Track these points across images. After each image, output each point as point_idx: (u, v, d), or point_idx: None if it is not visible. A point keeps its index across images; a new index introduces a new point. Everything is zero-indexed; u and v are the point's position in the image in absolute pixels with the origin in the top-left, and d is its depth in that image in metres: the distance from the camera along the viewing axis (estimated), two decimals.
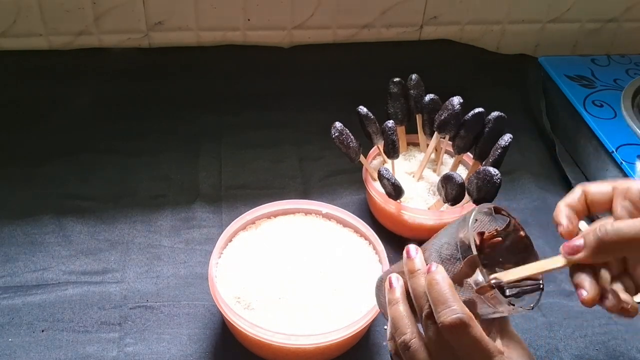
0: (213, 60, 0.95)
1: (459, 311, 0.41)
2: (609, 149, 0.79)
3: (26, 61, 0.90)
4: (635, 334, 0.64)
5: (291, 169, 0.82)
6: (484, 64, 1.01)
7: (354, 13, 0.96)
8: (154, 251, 0.70)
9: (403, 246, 0.71)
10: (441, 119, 0.72)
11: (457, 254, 0.44)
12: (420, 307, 0.44)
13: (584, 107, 0.85)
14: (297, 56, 0.97)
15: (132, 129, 0.85)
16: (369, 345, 0.62)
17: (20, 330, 0.60)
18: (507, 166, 0.73)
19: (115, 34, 0.92)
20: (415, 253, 0.47)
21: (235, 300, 0.58)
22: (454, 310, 0.41)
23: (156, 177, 0.79)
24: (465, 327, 0.41)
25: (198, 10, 0.92)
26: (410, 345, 0.44)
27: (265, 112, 0.90)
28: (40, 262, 0.67)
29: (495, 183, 0.63)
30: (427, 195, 0.73)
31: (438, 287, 0.42)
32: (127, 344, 0.60)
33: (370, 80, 0.83)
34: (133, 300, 0.64)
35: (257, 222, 0.67)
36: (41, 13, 0.88)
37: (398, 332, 0.45)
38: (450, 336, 0.42)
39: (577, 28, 1.03)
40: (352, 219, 0.67)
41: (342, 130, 0.70)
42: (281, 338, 0.54)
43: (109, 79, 0.92)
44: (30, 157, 0.79)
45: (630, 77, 0.92)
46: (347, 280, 0.61)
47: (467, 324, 0.41)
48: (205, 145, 0.84)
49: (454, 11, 0.98)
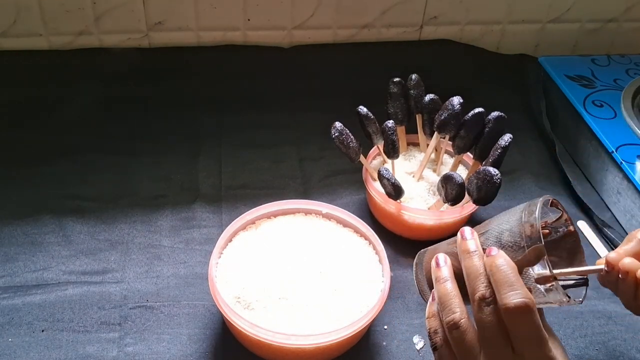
0: (213, 60, 0.95)
1: (525, 295, 0.41)
2: (609, 149, 0.79)
3: (26, 61, 0.90)
4: (635, 334, 0.64)
5: (291, 169, 0.82)
6: (484, 64, 1.01)
7: (354, 13, 0.96)
8: (154, 251, 0.70)
9: (403, 246, 0.72)
10: (441, 119, 0.72)
11: (522, 242, 0.44)
12: (473, 289, 0.44)
13: (584, 107, 0.85)
14: (297, 56, 0.97)
15: (132, 129, 0.85)
16: (369, 345, 0.62)
17: (20, 330, 0.60)
18: (507, 166, 0.73)
19: (115, 34, 0.92)
20: (471, 235, 0.47)
21: (235, 300, 0.58)
22: (521, 294, 0.41)
23: (156, 177, 0.79)
24: (530, 312, 0.41)
25: (198, 10, 0.92)
26: (460, 324, 0.44)
27: (265, 112, 0.90)
28: (40, 262, 0.67)
29: (495, 183, 0.63)
30: (427, 195, 0.73)
31: (504, 269, 0.42)
32: (127, 344, 0.60)
33: (370, 80, 0.83)
34: (133, 300, 0.64)
35: (257, 222, 0.67)
36: (41, 13, 0.88)
37: (447, 310, 0.45)
38: (513, 319, 0.41)
39: (577, 28, 1.03)
40: (352, 219, 0.67)
41: (342, 130, 0.70)
42: (281, 338, 0.54)
43: (109, 78, 0.92)
44: (30, 157, 0.79)
45: (630, 77, 0.92)
46: (347, 280, 0.61)
47: (532, 309, 0.41)
48: (205, 145, 0.84)
49: (454, 11, 0.98)
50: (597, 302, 0.68)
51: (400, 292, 0.67)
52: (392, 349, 0.62)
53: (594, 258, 0.74)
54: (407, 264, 0.71)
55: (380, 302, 0.58)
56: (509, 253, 0.45)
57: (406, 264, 0.71)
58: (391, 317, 0.65)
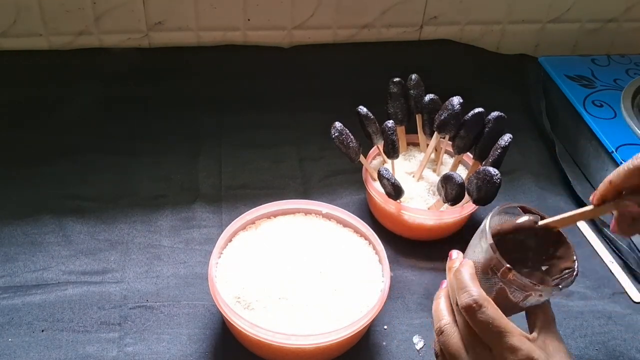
0: (213, 60, 0.95)
1: (474, 293, 0.45)
2: (609, 149, 0.79)
3: (26, 61, 0.90)
4: (635, 334, 0.64)
5: (291, 169, 0.82)
6: (484, 64, 1.01)
7: (354, 13, 0.96)
8: (154, 251, 0.70)
9: (403, 246, 0.72)
10: (441, 119, 0.72)
11: (483, 244, 0.49)
12: (453, 299, 0.49)
13: (584, 107, 0.85)
14: (297, 56, 0.97)
15: (132, 129, 0.85)
16: (369, 345, 0.62)
17: (20, 330, 0.60)
18: (507, 166, 0.73)
19: (115, 34, 0.92)
20: (456, 255, 0.53)
21: (235, 300, 0.58)
22: (470, 293, 0.45)
23: (156, 177, 0.79)
24: (478, 308, 0.45)
25: (198, 10, 0.92)
26: (444, 329, 0.48)
27: (265, 112, 0.90)
28: (40, 262, 0.67)
29: (495, 183, 0.63)
30: (427, 195, 0.73)
31: (459, 276, 0.48)
32: (127, 344, 0.60)
33: (370, 80, 0.83)
34: (133, 300, 0.64)
35: (257, 222, 0.67)
36: (41, 13, 0.88)
37: (435, 319, 0.50)
38: (467, 317, 0.45)
39: (577, 28, 1.03)
40: (352, 219, 0.67)
41: (342, 130, 0.70)
42: (281, 338, 0.54)
43: (109, 78, 0.92)
44: (30, 157, 0.79)
45: (630, 77, 0.92)
46: (347, 280, 0.61)
47: (480, 305, 0.45)
48: (205, 145, 0.84)
49: (454, 11, 0.98)
50: (597, 302, 0.68)
51: (400, 292, 0.67)
52: (392, 349, 0.62)
53: (592, 258, 0.74)
54: (407, 264, 0.71)
55: (380, 302, 0.58)
56: (483, 257, 0.49)
57: (406, 264, 0.71)
58: (391, 317, 0.65)
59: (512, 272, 0.46)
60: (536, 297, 0.48)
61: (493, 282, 0.48)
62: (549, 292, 0.48)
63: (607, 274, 0.72)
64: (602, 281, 0.70)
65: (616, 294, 0.69)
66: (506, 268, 0.46)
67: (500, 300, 0.47)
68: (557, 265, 0.51)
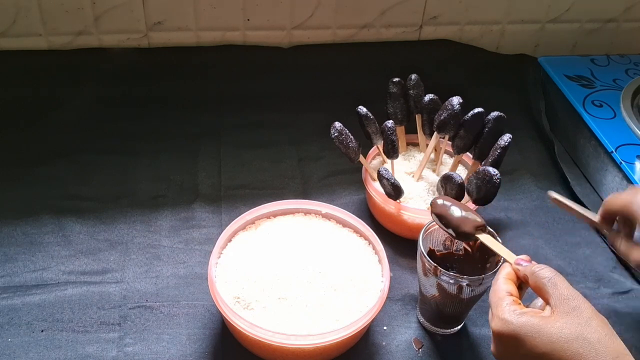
0: (213, 61, 0.95)
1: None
2: (609, 149, 0.79)
3: (26, 61, 0.90)
4: (635, 333, 0.64)
5: (291, 169, 0.82)
6: (483, 64, 1.01)
7: (354, 13, 0.96)
8: (154, 251, 0.70)
9: (403, 246, 0.72)
10: (441, 119, 0.72)
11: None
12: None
13: (584, 107, 0.85)
14: (297, 56, 0.97)
15: (131, 129, 0.85)
16: (369, 345, 0.62)
17: (20, 330, 0.60)
18: (506, 166, 0.73)
19: (115, 34, 0.92)
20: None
21: (234, 300, 0.58)
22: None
23: (156, 177, 0.79)
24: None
25: (197, 11, 0.92)
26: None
27: (265, 112, 0.90)
28: (40, 262, 0.67)
29: (494, 183, 0.63)
30: (426, 195, 0.73)
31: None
32: (127, 344, 0.60)
33: (370, 80, 0.83)
34: (132, 300, 0.64)
35: (256, 222, 0.67)
36: (41, 13, 0.88)
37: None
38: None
39: (577, 28, 1.03)
40: (351, 219, 0.67)
41: (342, 130, 0.70)
42: (281, 338, 0.54)
43: (109, 78, 0.92)
44: (30, 157, 0.79)
45: (630, 77, 0.92)
46: (347, 280, 0.61)
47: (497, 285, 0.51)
48: (205, 145, 0.84)
49: (453, 11, 0.98)
50: (597, 302, 0.68)
51: (399, 292, 0.67)
52: (392, 349, 0.62)
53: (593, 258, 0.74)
54: (407, 264, 0.71)
55: (380, 302, 0.58)
56: (421, 265, 0.60)
57: (406, 264, 0.71)
58: (391, 318, 0.65)
59: (439, 270, 0.56)
60: (471, 288, 0.57)
61: (432, 279, 0.58)
62: (477, 282, 0.56)
63: (607, 274, 0.71)
64: (602, 281, 0.70)
65: (616, 294, 0.69)
66: (434, 267, 0.56)
67: (442, 293, 0.58)
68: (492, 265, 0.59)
